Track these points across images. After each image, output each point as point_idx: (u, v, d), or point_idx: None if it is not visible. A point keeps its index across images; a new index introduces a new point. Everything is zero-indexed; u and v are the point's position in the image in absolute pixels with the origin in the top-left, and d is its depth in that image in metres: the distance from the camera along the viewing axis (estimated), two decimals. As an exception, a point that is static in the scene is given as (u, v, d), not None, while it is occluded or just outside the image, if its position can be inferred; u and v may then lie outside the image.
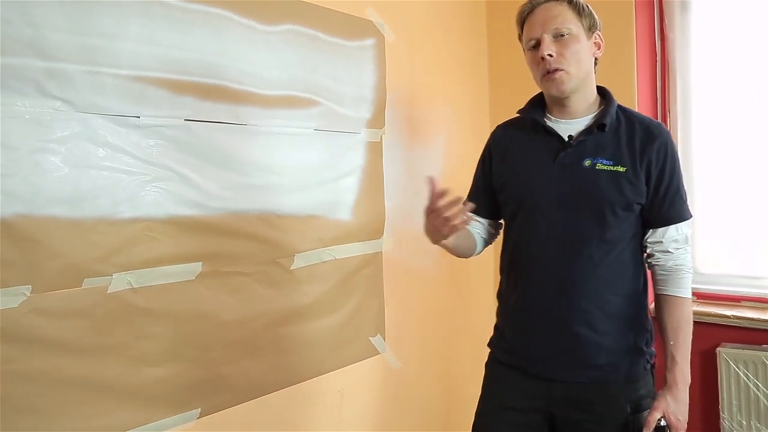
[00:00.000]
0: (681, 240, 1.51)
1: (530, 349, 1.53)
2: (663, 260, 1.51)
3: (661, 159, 1.46)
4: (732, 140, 2.61)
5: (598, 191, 1.44)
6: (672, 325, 1.48)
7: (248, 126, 1.90)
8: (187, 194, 1.75)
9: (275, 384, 2.02)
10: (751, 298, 2.55)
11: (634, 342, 1.51)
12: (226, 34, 1.84)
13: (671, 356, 1.47)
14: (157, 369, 1.69)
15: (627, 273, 1.49)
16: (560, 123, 1.53)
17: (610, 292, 1.47)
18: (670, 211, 1.48)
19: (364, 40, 2.31)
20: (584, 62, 1.48)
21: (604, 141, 1.47)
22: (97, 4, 1.55)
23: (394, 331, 2.43)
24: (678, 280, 1.50)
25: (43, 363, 1.48)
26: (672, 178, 1.47)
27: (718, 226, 2.67)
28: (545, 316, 1.50)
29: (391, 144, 2.43)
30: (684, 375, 1.46)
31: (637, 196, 1.45)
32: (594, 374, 1.48)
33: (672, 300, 1.50)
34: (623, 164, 1.45)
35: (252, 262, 1.93)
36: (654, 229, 1.50)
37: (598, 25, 1.53)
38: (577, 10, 1.48)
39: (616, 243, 1.46)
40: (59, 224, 1.49)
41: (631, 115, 1.53)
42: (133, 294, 1.64)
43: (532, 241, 1.52)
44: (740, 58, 2.56)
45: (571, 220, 1.46)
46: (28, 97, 1.44)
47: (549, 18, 1.46)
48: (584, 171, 1.46)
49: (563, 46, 1.45)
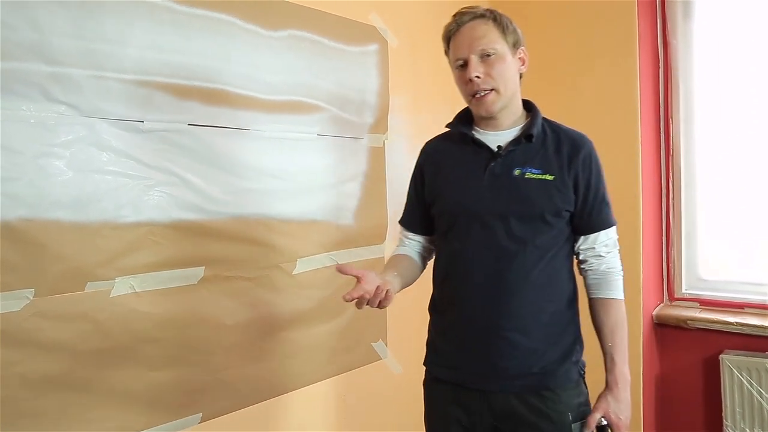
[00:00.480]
0: (611, 244, 1.55)
1: (467, 362, 1.53)
2: (596, 264, 1.55)
3: (587, 169, 1.51)
4: (735, 146, 2.61)
5: (529, 198, 1.47)
6: (609, 327, 1.52)
7: (251, 131, 1.91)
8: (190, 199, 1.75)
9: (277, 389, 2.02)
10: (754, 304, 2.54)
11: (568, 348, 1.52)
12: (230, 40, 1.85)
13: (610, 357, 1.50)
14: (158, 373, 1.70)
15: (559, 280, 1.52)
16: (489, 135, 1.56)
17: (544, 299, 1.49)
18: (599, 218, 1.53)
19: (368, 46, 2.31)
20: (511, 80, 1.51)
21: (532, 151, 1.51)
22: (101, 9, 1.56)
23: (395, 336, 2.43)
24: (611, 282, 1.54)
25: (46, 366, 1.48)
26: (598, 187, 1.52)
27: (722, 232, 2.67)
28: (481, 325, 1.50)
29: (394, 149, 2.43)
30: (623, 375, 1.49)
31: (565, 203, 1.49)
32: (530, 382, 1.48)
33: (607, 302, 1.54)
34: (552, 173, 1.49)
35: (254, 267, 1.93)
36: (585, 235, 1.54)
37: (522, 41, 1.55)
38: (502, 28, 1.50)
39: (548, 249, 1.49)
40: (63, 228, 1.50)
41: (556, 128, 1.56)
42: (136, 298, 1.65)
43: (467, 251, 1.53)
44: (743, 64, 2.56)
45: (504, 228, 1.48)
46: (34, 101, 1.44)
47: (475, 38, 1.48)
48: (514, 180, 1.49)
49: (490, 67, 1.47)
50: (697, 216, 2.71)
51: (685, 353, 2.63)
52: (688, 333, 2.59)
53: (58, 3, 1.48)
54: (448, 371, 1.58)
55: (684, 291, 2.73)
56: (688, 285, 2.74)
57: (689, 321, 2.57)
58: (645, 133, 2.59)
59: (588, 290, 1.58)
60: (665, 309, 2.68)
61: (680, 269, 2.74)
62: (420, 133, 2.54)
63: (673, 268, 2.75)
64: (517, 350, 1.48)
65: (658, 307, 2.71)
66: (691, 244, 2.73)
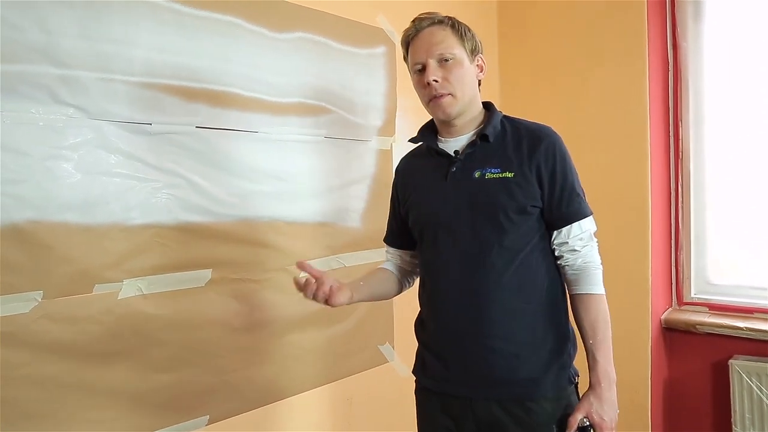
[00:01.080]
0: (586, 237, 1.50)
1: (450, 370, 1.51)
2: (572, 259, 1.50)
3: (550, 160, 1.47)
4: (745, 149, 2.59)
5: (490, 198, 1.46)
6: (589, 323, 1.46)
7: (259, 133, 1.91)
8: (198, 201, 1.75)
9: (283, 391, 2.01)
10: (764, 309, 2.52)
11: (555, 352, 1.49)
12: (237, 42, 1.85)
13: (592, 355, 1.45)
14: (166, 375, 1.70)
15: (536, 280, 1.48)
16: (449, 142, 1.56)
17: (521, 300, 1.46)
18: (569, 209, 1.48)
19: (375, 48, 2.31)
20: (468, 85, 1.51)
21: (490, 151, 1.50)
22: (109, 11, 1.56)
23: (402, 339, 2.42)
24: (588, 276, 1.49)
25: (53, 368, 1.48)
26: (565, 178, 1.48)
27: (731, 236, 2.65)
28: (458, 333, 1.49)
29: (402, 152, 2.41)
30: (607, 373, 1.43)
31: (529, 199, 1.46)
32: (515, 390, 1.45)
33: (585, 298, 1.48)
34: (511, 170, 1.47)
35: (261, 269, 1.93)
36: (558, 230, 1.50)
37: (480, 48, 1.56)
38: (460, 34, 1.51)
39: (518, 249, 1.46)
40: (71, 230, 1.50)
41: (517, 124, 1.55)
42: (143, 300, 1.65)
43: (438, 260, 1.53)
44: (753, 66, 2.54)
45: (470, 232, 1.47)
46: (42, 104, 1.45)
47: (433, 43, 1.49)
48: (475, 182, 1.48)
49: (448, 71, 1.48)
50: (706, 220, 2.69)
51: (694, 358, 2.61)
52: (697, 338, 2.57)
53: (66, 4, 1.48)
54: (434, 381, 1.57)
55: (693, 295, 2.71)
56: (697, 289, 2.72)
57: (698, 326, 2.55)
58: (654, 136, 2.58)
59: (567, 287, 1.54)
60: (674, 313, 2.67)
61: (689, 273, 2.72)
62: (427, 136, 2.54)
63: (682, 272, 2.73)
64: (496, 356, 1.45)
65: (667, 311, 2.69)
66: (700, 248, 2.71)
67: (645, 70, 2.54)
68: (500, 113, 1.57)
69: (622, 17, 2.59)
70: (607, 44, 2.63)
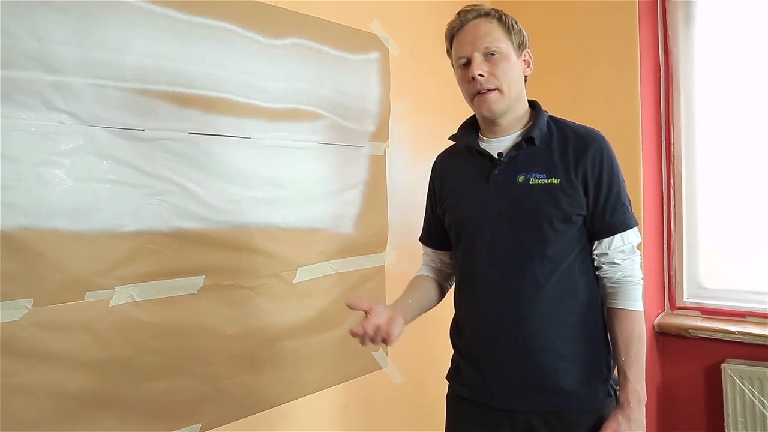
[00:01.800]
0: (628, 250, 1.45)
1: (486, 380, 1.47)
2: (611, 272, 1.44)
3: (597, 167, 1.41)
4: (736, 154, 2.60)
5: (534, 206, 1.40)
6: (623, 340, 1.42)
7: (252, 139, 1.90)
8: (191, 207, 1.74)
9: (277, 398, 2.00)
10: (756, 313, 2.53)
11: (595, 364, 1.45)
12: (231, 48, 1.84)
13: (623, 373, 1.41)
14: (158, 383, 1.68)
15: (578, 291, 1.44)
16: (492, 142, 1.50)
17: (562, 311, 1.41)
18: (613, 219, 1.43)
19: (369, 54, 2.31)
20: (515, 81, 1.45)
21: (536, 155, 1.44)
22: (102, 17, 1.55)
23: (396, 345, 2.40)
24: (627, 292, 1.44)
25: (44, 376, 1.47)
26: (611, 186, 1.43)
27: (723, 240, 2.66)
28: (497, 342, 1.45)
29: (395, 157, 2.43)
30: (637, 393, 1.39)
31: (575, 207, 1.41)
32: (554, 402, 1.42)
33: (622, 313, 1.43)
34: (557, 176, 1.41)
35: (254, 276, 1.92)
36: (599, 240, 1.44)
37: (527, 43, 1.50)
38: (507, 27, 1.45)
39: (561, 259, 1.41)
40: (62, 237, 1.49)
41: (563, 126, 1.49)
42: (135, 307, 1.64)
43: (475, 265, 1.48)
44: (744, 71, 2.56)
45: (511, 239, 1.42)
46: (34, 110, 1.44)
47: (479, 36, 1.43)
48: (518, 187, 1.42)
49: (494, 66, 1.42)
50: (698, 224, 2.70)
51: (687, 362, 2.62)
52: (690, 342, 2.58)
53: (59, 11, 1.47)
54: (468, 390, 1.52)
55: (685, 300, 2.72)
56: (690, 293, 2.72)
57: (691, 330, 2.56)
58: (646, 141, 2.59)
59: (604, 299, 1.48)
60: (667, 318, 2.67)
61: (681, 277, 2.73)
62: (421, 142, 2.55)
63: (675, 277, 2.74)
64: (536, 367, 1.41)
65: (660, 315, 2.70)
66: (692, 253, 2.72)
67: (637, 74, 2.55)
68: (546, 113, 1.51)
69: (614, 22, 2.60)
70: (599, 49, 2.64)
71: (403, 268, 2.43)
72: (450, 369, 1.62)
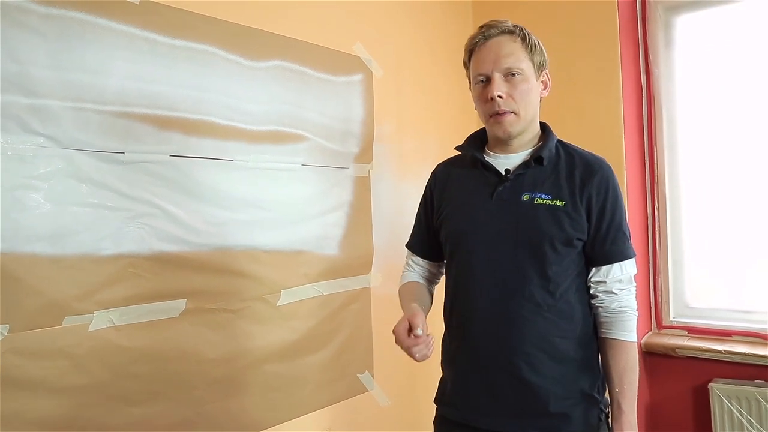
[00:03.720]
0: (625, 280, 1.44)
1: (475, 400, 1.45)
2: (607, 302, 1.44)
3: (602, 194, 1.41)
4: (719, 172, 2.62)
5: (537, 226, 1.39)
6: (617, 371, 1.42)
7: (234, 161, 1.90)
8: (172, 230, 1.73)
9: (261, 423, 1.97)
10: (743, 332, 2.53)
11: (586, 388, 1.43)
12: (213, 70, 1.84)
13: (617, 404, 1.41)
14: (138, 409, 1.66)
15: (574, 314, 1.43)
16: (499, 158, 1.49)
17: (556, 335, 1.40)
18: (613, 248, 1.42)
19: (352, 76, 2.32)
20: (533, 104, 1.45)
21: (543, 175, 1.44)
22: (82, 39, 1.55)
23: (382, 368, 2.40)
24: (622, 323, 1.43)
25: (21, 404, 1.44)
26: (614, 215, 1.42)
27: (709, 259, 2.67)
28: (487, 362, 1.43)
29: (379, 179, 2.43)
30: (630, 424, 1.39)
31: (577, 231, 1.40)
32: (543, 424, 1.39)
33: (617, 344, 1.43)
34: (562, 198, 1.40)
35: (237, 299, 1.90)
36: (597, 267, 1.44)
37: (546, 64, 1.49)
38: (530, 47, 1.44)
39: (559, 282, 1.40)
40: (40, 261, 1.47)
41: (572, 150, 1.49)
42: (116, 332, 1.62)
43: (471, 280, 1.46)
44: (723, 91, 2.59)
45: (510, 257, 1.41)
46: (11, 133, 1.43)
47: (501, 56, 1.41)
48: (522, 205, 1.41)
49: (513, 87, 1.41)
50: (683, 243, 2.71)
51: (674, 382, 2.61)
52: (677, 361, 2.57)
53: (38, 33, 1.47)
54: (456, 411, 1.50)
55: (672, 319, 2.72)
56: (676, 313, 2.72)
57: (677, 349, 2.55)
58: (630, 161, 2.61)
59: (598, 328, 1.47)
60: (653, 337, 2.67)
61: (668, 297, 2.73)
62: (405, 163, 2.55)
63: (661, 296, 2.74)
64: (526, 388, 1.39)
65: (646, 335, 2.70)
66: (678, 272, 2.72)
67: (619, 96, 2.58)
68: (555, 136, 1.51)
69: (596, 45, 2.63)
70: (582, 71, 2.66)
71: (389, 290, 2.42)
72: (437, 391, 1.59)
